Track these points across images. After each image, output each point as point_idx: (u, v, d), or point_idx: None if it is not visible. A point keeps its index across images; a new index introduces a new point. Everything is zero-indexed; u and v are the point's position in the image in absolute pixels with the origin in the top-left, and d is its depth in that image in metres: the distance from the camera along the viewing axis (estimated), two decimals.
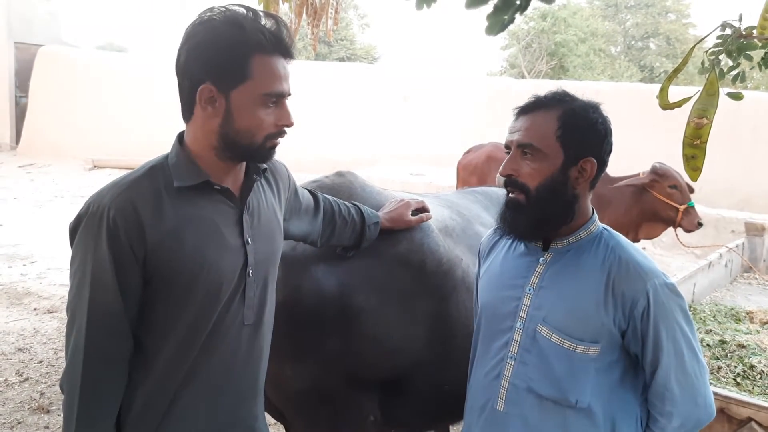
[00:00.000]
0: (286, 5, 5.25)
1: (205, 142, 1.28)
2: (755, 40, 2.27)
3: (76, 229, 1.24)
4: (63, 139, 13.77)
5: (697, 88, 2.18)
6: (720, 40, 2.33)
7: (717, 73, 2.21)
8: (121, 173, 1.30)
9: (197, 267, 1.25)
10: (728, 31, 2.27)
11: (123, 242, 1.20)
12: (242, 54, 1.22)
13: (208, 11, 1.25)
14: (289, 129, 1.33)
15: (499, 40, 28.31)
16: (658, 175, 3.95)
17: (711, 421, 1.37)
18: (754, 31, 2.21)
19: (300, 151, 10.39)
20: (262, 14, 1.27)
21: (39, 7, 14.90)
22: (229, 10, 1.25)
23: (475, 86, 12.01)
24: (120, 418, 1.25)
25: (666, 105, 2.26)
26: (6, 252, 6.41)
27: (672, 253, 7.32)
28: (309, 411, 1.75)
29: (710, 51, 2.36)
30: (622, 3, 30.08)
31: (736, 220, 7.38)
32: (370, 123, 12.19)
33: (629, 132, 8.49)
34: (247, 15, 1.25)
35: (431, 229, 1.85)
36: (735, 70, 2.53)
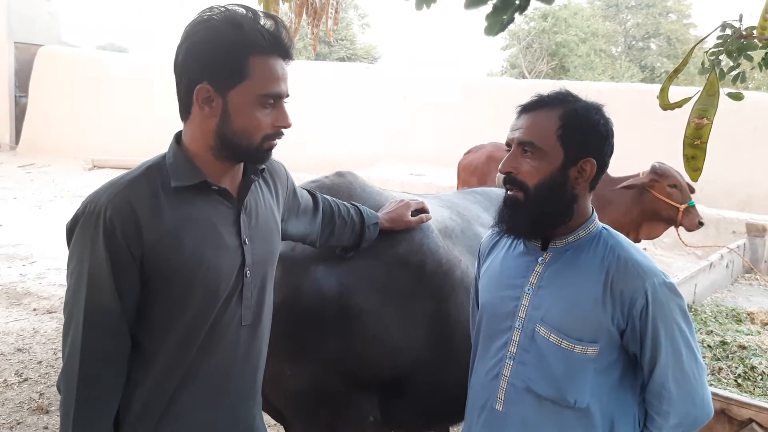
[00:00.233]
0: (286, 5, 5.25)
1: (203, 142, 1.28)
2: (755, 40, 2.27)
3: (73, 228, 1.24)
4: (63, 139, 13.78)
5: (698, 89, 2.18)
6: (720, 41, 2.33)
7: (717, 73, 2.21)
8: (121, 173, 1.30)
9: (195, 267, 1.25)
10: (728, 31, 2.27)
11: (120, 242, 1.19)
12: (240, 54, 1.22)
13: (207, 11, 1.25)
14: (287, 130, 1.32)
15: (500, 41, 28.33)
16: (657, 175, 3.94)
17: (709, 420, 1.37)
18: (755, 31, 2.21)
19: (300, 151, 10.38)
20: (262, 14, 1.26)
21: (39, 7, 14.91)
22: (228, 10, 1.24)
23: (476, 86, 11.98)
24: (118, 418, 1.25)
25: (666, 105, 2.26)
26: (6, 252, 6.41)
27: (673, 253, 7.32)
28: (308, 411, 1.75)
29: (710, 51, 2.36)
30: (622, 3, 30.07)
31: (737, 220, 7.37)
32: (370, 123, 12.18)
33: (629, 132, 8.49)
34: (246, 15, 1.24)
35: (431, 229, 1.85)
36: (735, 71, 2.53)
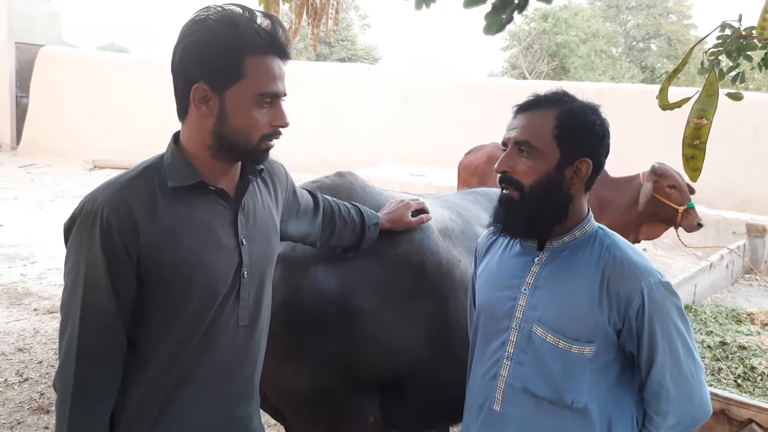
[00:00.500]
0: (286, 6, 5.24)
1: (200, 142, 1.27)
2: (755, 40, 2.27)
3: (70, 228, 1.24)
4: (63, 139, 13.80)
5: (697, 89, 2.18)
6: (720, 41, 2.33)
7: (716, 73, 2.21)
8: (120, 173, 1.30)
9: (192, 268, 1.24)
10: (728, 31, 2.27)
11: (116, 242, 1.19)
12: (236, 53, 1.22)
13: (203, 10, 1.25)
14: (285, 129, 1.32)
15: (500, 41, 28.36)
16: (657, 175, 3.93)
17: (708, 420, 1.37)
18: (754, 31, 2.21)
19: (300, 151, 10.39)
20: (259, 14, 1.26)
21: (40, 7, 14.92)
22: (224, 10, 1.24)
23: (476, 87, 11.97)
24: (114, 418, 1.25)
25: (666, 105, 2.26)
26: (6, 252, 6.42)
27: (673, 254, 7.32)
28: (309, 411, 1.75)
29: (710, 51, 2.36)
30: (623, 4, 30.08)
31: (737, 221, 7.36)
32: (370, 123, 12.18)
33: (629, 132, 8.49)
34: (243, 14, 1.24)
35: (431, 230, 1.85)
36: (735, 71, 2.53)
